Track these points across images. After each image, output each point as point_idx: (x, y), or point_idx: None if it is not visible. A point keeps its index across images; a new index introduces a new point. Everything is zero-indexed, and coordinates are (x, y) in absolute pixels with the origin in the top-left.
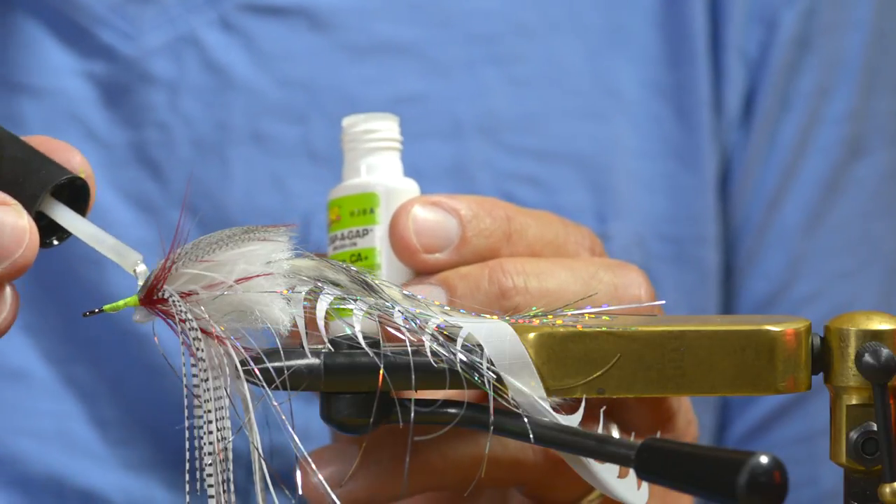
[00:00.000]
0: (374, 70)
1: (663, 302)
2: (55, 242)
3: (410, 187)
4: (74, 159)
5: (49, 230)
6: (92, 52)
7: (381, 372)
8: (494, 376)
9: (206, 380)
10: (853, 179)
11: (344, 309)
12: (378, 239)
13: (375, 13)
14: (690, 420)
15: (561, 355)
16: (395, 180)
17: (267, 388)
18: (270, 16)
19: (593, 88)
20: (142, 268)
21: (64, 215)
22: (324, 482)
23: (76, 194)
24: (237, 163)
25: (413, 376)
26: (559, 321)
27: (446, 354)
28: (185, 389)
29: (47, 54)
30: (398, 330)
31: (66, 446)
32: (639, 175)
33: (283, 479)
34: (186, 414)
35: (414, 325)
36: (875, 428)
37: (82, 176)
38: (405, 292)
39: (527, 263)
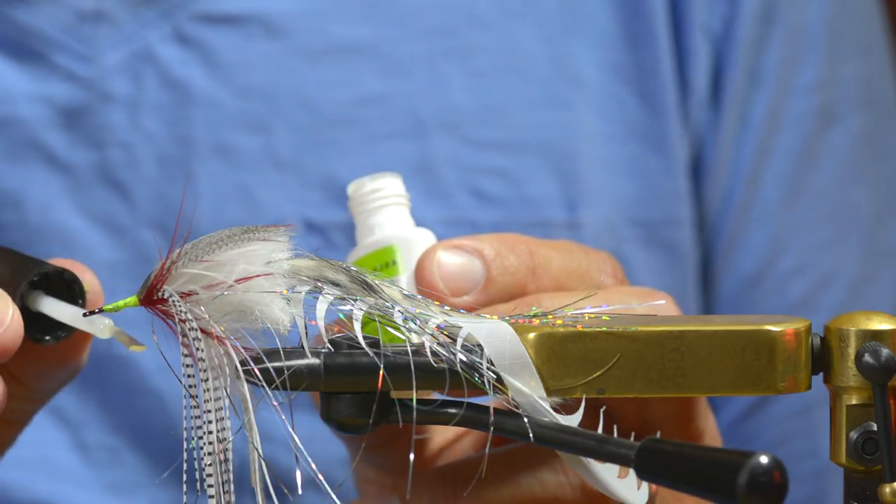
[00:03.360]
0: (332, 73)
1: (662, 302)
2: (47, 339)
3: (426, 235)
4: (84, 277)
5: (42, 329)
6: (48, 75)
7: (381, 372)
8: (494, 376)
9: (206, 380)
10: (827, 148)
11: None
12: (404, 287)
13: (330, 15)
14: (714, 436)
15: (561, 355)
16: (409, 230)
17: (267, 388)
18: (225, 25)
19: (553, 75)
20: (109, 325)
21: (46, 304)
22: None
23: (71, 290)
24: (203, 177)
25: (413, 376)
26: (559, 321)
27: (446, 354)
28: (183, 390)
29: (2, 82)
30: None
31: (49, 473)
32: (605, 160)
33: (281, 481)
34: (185, 415)
35: (414, 325)
36: (875, 428)
37: (87, 289)
38: (405, 292)
39: (564, 300)
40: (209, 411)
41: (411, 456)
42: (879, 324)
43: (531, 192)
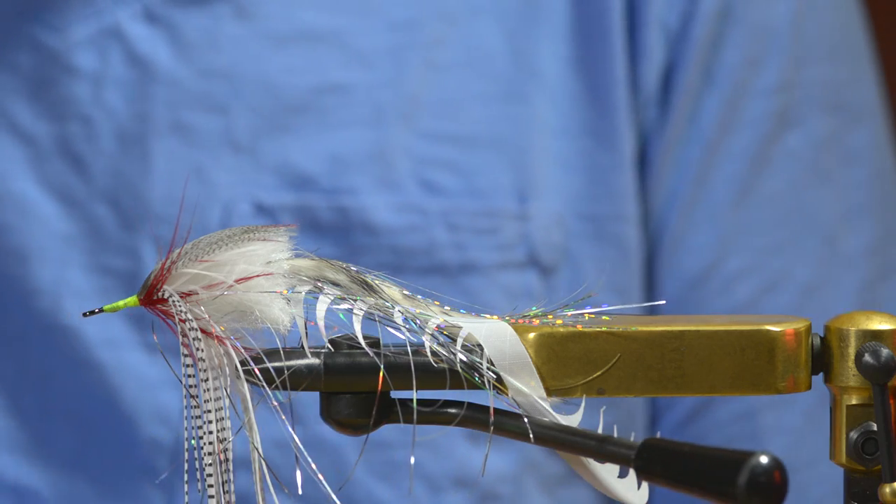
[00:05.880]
0: (296, 59)
1: (663, 302)
2: None
3: None
4: None
5: None
6: (16, 43)
7: (381, 372)
8: (494, 376)
9: (206, 380)
10: (785, 151)
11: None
12: None
13: (299, 2)
14: None
15: (561, 355)
16: None
17: (267, 388)
18: (194, 6)
19: (513, 70)
20: None
21: None
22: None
23: None
24: (159, 155)
25: (413, 376)
26: (559, 321)
27: (446, 354)
28: (184, 390)
29: None
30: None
31: None
32: (557, 154)
33: (283, 480)
34: (185, 415)
35: (414, 325)
36: (875, 428)
37: None
38: (405, 292)
39: None
40: (209, 411)
41: (412, 458)
42: (879, 324)
43: (482, 184)
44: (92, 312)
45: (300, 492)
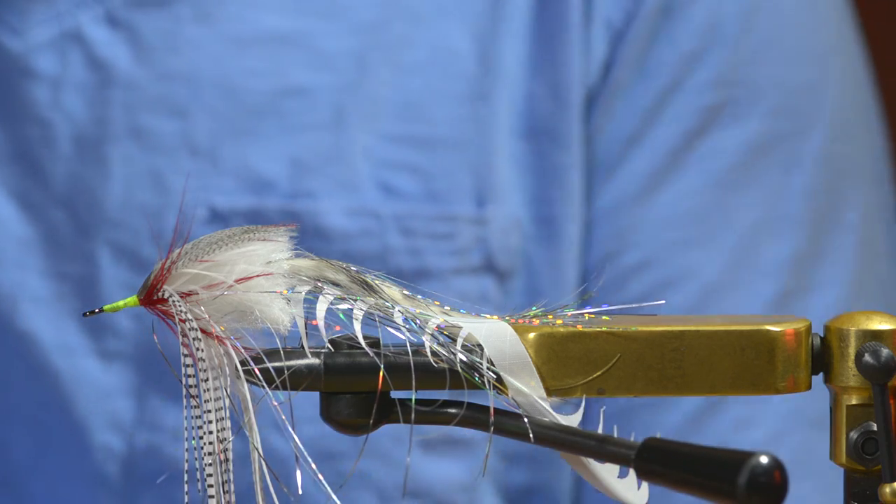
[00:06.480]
0: (258, 62)
1: (663, 302)
2: None
3: None
4: None
5: None
6: None
7: (381, 372)
8: (494, 376)
9: (206, 380)
10: (710, 148)
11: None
12: None
13: (262, 4)
14: None
15: (561, 355)
16: None
17: (267, 388)
18: (155, 8)
19: (477, 70)
20: None
21: None
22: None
23: None
24: (116, 159)
25: (413, 376)
26: (559, 321)
27: (446, 354)
28: (184, 389)
29: None
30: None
31: None
32: (516, 156)
33: (282, 481)
34: (185, 415)
35: (414, 325)
36: (875, 428)
37: None
38: (405, 292)
39: None
40: (209, 411)
41: (408, 458)
42: (879, 324)
43: (441, 188)
44: (92, 312)
45: (300, 492)
